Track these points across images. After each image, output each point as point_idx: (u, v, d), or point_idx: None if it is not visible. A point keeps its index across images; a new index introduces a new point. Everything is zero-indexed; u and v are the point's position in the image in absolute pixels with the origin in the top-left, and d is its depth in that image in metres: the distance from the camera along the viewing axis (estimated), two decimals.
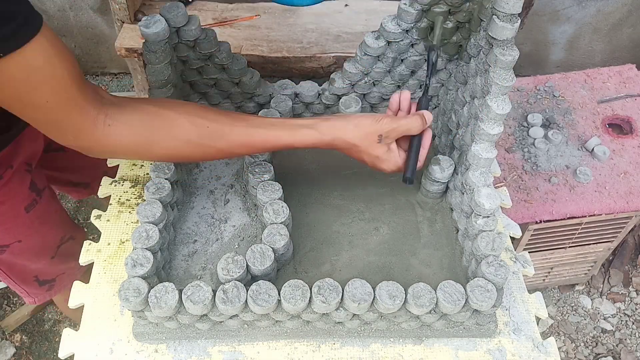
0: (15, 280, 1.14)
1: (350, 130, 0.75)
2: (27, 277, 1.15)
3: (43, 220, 1.04)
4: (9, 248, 1.02)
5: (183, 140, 0.69)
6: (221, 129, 0.71)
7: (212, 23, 1.29)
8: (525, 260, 0.89)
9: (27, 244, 1.04)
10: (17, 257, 1.06)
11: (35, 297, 1.21)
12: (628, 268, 1.89)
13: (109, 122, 0.64)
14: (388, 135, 0.77)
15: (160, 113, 0.68)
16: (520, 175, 1.40)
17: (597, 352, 1.72)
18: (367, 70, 0.92)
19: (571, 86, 1.58)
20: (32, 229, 1.03)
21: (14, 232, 1.00)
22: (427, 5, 0.81)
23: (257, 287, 0.68)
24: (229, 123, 0.71)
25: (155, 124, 0.67)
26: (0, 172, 0.90)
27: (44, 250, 1.10)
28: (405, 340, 0.79)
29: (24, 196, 0.97)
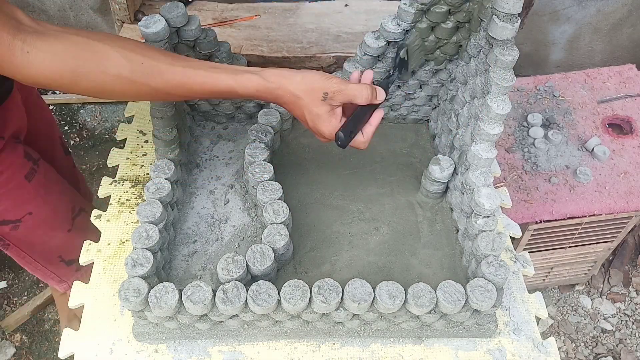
0: (41, 262, 1.12)
1: (296, 82, 0.70)
2: (51, 257, 1.13)
3: (48, 189, 1.03)
4: (22, 222, 1.01)
5: (113, 74, 0.64)
6: (157, 66, 0.65)
7: (212, 23, 1.29)
8: (525, 260, 0.89)
9: (39, 216, 1.03)
10: (34, 232, 1.05)
11: (67, 281, 1.19)
12: (628, 268, 1.89)
13: (27, 49, 0.59)
14: (333, 97, 0.72)
15: (90, 44, 0.63)
16: (520, 175, 1.40)
17: (597, 352, 1.72)
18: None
19: (571, 86, 1.58)
20: (40, 199, 1.01)
21: (22, 203, 0.99)
22: (427, 5, 0.81)
23: (257, 287, 0.68)
24: (167, 62, 0.66)
25: (83, 55, 0.62)
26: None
27: (58, 222, 1.09)
28: (405, 340, 0.79)
29: (20, 164, 0.96)
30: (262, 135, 0.88)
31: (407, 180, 0.95)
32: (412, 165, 0.98)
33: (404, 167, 0.97)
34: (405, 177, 0.96)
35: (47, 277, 1.17)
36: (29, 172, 0.98)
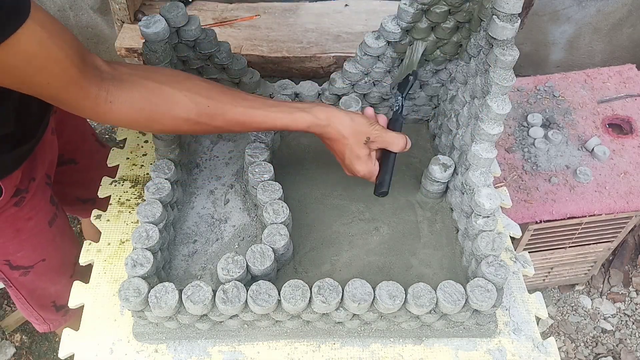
0: (34, 306, 1.12)
1: (345, 122, 0.76)
2: (45, 302, 1.13)
3: (63, 234, 1.04)
4: (34, 268, 1.01)
5: (183, 118, 0.69)
6: (221, 107, 0.71)
7: (212, 23, 1.29)
8: (525, 260, 0.89)
9: (51, 263, 1.04)
10: (41, 278, 1.05)
11: (50, 324, 1.20)
12: (628, 268, 1.89)
13: (110, 99, 0.64)
14: (374, 141, 0.79)
15: (161, 90, 0.68)
16: (520, 175, 1.40)
17: (597, 352, 1.72)
18: (367, 70, 0.92)
19: (571, 86, 1.58)
20: (54, 245, 1.02)
21: (39, 249, 1.00)
22: (427, 5, 0.81)
23: (257, 287, 0.68)
24: (229, 102, 0.72)
25: (156, 101, 0.68)
26: (26, 185, 0.89)
27: (64, 268, 1.09)
28: (405, 340, 0.79)
29: (47, 210, 0.97)
30: (262, 135, 0.88)
31: (407, 180, 0.95)
32: (412, 165, 0.98)
33: (404, 167, 0.97)
34: (405, 177, 0.96)
35: (32, 317, 1.17)
36: (52, 217, 0.99)
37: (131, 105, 0.66)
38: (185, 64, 0.91)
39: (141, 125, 0.71)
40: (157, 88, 0.68)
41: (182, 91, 0.69)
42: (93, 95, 0.63)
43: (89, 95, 0.62)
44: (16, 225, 0.92)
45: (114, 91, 0.64)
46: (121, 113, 0.66)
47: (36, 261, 1.01)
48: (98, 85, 0.63)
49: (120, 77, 0.66)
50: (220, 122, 0.72)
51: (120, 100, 0.65)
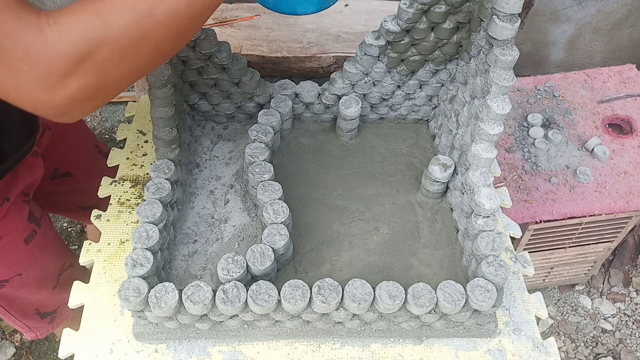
0: (16, 315, 1.09)
1: None
2: (27, 310, 1.11)
3: (43, 250, 1.01)
4: (9, 282, 0.99)
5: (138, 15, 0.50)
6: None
7: (212, 23, 1.29)
8: (525, 260, 0.89)
9: (28, 277, 1.01)
10: (18, 290, 1.03)
11: (37, 332, 1.18)
12: (628, 268, 1.89)
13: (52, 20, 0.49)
14: None
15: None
16: (520, 175, 1.40)
17: (597, 352, 1.72)
18: (367, 70, 0.93)
19: (571, 86, 1.58)
20: (32, 261, 0.99)
21: (14, 266, 0.97)
22: (427, 5, 0.81)
23: (257, 287, 0.68)
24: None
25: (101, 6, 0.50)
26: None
27: (45, 281, 1.07)
28: (405, 340, 0.79)
29: (22, 228, 0.94)
30: (262, 135, 0.88)
31: (407, 180, 0.95)
32: (412, 165, 0.98)
33: (404, 167, 0.98)
34: (405, 177, 0.96)
35: (17, 326, 1.14)
36: (29, 234, 0.96)
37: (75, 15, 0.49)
38: (185, 64, 0.91)
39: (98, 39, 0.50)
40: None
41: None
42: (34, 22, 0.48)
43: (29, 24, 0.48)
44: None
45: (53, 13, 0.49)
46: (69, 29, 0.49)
47: (11, 276, 0.98)
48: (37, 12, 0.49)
49: None
50: None
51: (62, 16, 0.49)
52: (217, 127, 1.03)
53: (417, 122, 1.05)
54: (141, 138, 1.03)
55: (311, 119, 1.03)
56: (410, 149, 1.01)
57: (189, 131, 0.98)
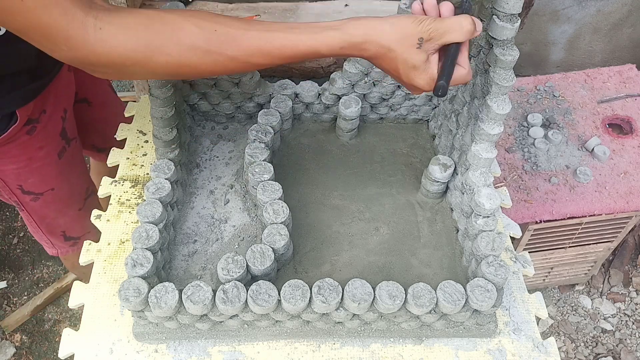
0: (44, 231, 1.17)
1: (385, 31, 0.62)
2: (55, 230, 1.18)
3: (72, 167, 1.09)
4: (43, 196, 1.06)
5: (188, 45, 0.59)
6: (231, 32, 0.60)
7: None
8: (525, 260, 0.89)
9: (60, 193, 1.08)
10: (50, 205, 1.10)
11: (58, 249, 1.24)
12: (628, 268, 1.89)
13: (100, 25, 0.56)
14: (430, 39, 0.62)
15: (161, 16, 0.59)
16: (520, 175, 1.40)
17: (597, 352, 1.72)
18: (367, 70, 0.92)
19: (571, 86, 1.58)
20: (63, 176, 1.07)
21: (49, 179, 1.04)
22: None
23: (257, 287, 0.68)
24: (241, 27, 0.61)
25: (155, 27, 0.58)
26: (37, 116, 0.94)
27: (73, 200, 1.14)
28: (405, 340, 0.79)
29: (57, 142, 1.02)
30: (262, 135, 0.88)
31: (407, 180, 0.95)
32: (412, 165, 0.98)
33: (404, 167, 0.97)
34: (405, 177, 0.96)
35: (42, 241, 1.21)
36: (61, 150, 1.03)
37: (125, 30, 0.57)
38: None
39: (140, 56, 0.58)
40: (155, 15, 0.59)
41: (186, 17, 0.59)
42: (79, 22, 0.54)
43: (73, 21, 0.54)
44: (29, 153, 0.97)
45: (103, 17, 0.56)
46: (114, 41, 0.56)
47: (45, 189, 1.05)
48: (85, 10, 0.55)
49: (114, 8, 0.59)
50: (234, 49, 0.60)
51: (112, 25, 0.56)
52: (217, 127, 1.03)
53: (417, 122, 1.05)
54: (141, 138, 1.03)
55: (311, 119, 1.03)
56: (410, 149, 1.01)
57: (189, 131, 0.98)
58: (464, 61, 0.66)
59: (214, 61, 0.61)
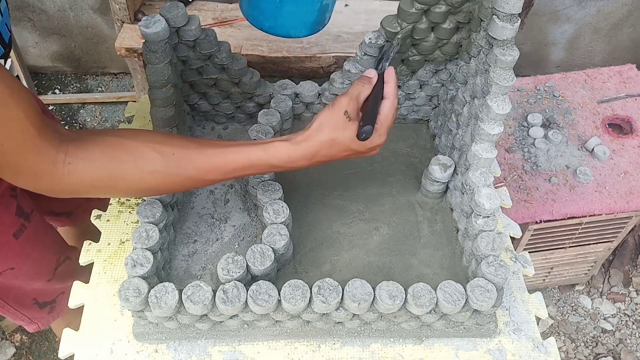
0: (14, 306, 1.09)
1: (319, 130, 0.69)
2: (25, 300, 1.10)
3: (34, 245, 1.00)
4: (1, 275, 0.98)
5: (148, 171, 0.64)
6: (188, 154, 0.65)
7: (212, 23, 1.29)
8: (525, 260, 0.89)
9: (21, 271, 1.00)
10: (12, 282, 1.02)
11: (38, 322, 1.17)
12: (628, 268, 1.89)
13: (68, 160, 0.59)
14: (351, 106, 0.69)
15: (123, 144, 0.63)
16: (520, 175, 1.40)
17: (597, 352, 1.72)
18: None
19: (571, 86, 1.58)
20: (24, 255, 0.99)
21: (5, 260, 0.96)
22: (427, 5, 0.81)
23: (257, 287, 0.68)
24: (196, 148, 0.66)
25: (118, 156, 0.62)
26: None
27: (39, 275, 1.06)
28: (405, 340, 0.79)
29: (10, 223, 0.93)
30: (262, 135, 0.88)
31: (407, 180, 0.95)
32: (412, 165, 0.98)
33: (404, 167, 0.97)
34: (405, 177, 0.96)
35: (17, 319, 1.14)
36: (18, 229, 0.95)
37: (91, 163, 0.60)
38: (185, 64, 0.91)
39: (104, 184, 0.63)
40: (118, 142, 0.63)
41: (144, 142, 0.64)
42: (51, 159, 0.58)
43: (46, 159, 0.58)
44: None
45: (72, 151, 0.59)
46: (82, 173, 0.60)
47: (3, 269, 0.97)
48: (56, 148, 0.59)
49: (80, 138, 0.62)
50: (191, 170, 0.65)
51: (80, 159, 0.60)
52: (217, 127, 1.03)
53: (417, 122, 1.05)
54: None
55: (311, 119, 1.03)
56: (410, 149, 1.01)
57: (189, 131, 0.98)
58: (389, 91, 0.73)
59: (172, 182, 0.66)
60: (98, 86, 2.28)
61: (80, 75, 2.29)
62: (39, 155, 0.57)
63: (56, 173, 0.59)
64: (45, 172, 0.59)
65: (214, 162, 0.67)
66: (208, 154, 0.66)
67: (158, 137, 0.66)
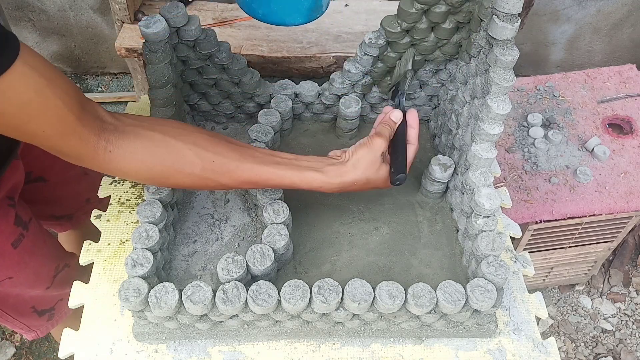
0: (13, 315, 1.08)
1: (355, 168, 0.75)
2: (23, 308, 1.09)
3: (33, 253, 0.99)
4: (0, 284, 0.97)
5: (187, 173, 0.67)
6: (226, 164, 0.69)
7: (212, 23, 1.29)
8: (525, 260, 0.89)
9: (19, 280, 1.00)
10: (10, 290, 1.01)
11: (37, 330, 1.16)
12: (628, 268, 1.89)
13: (110, 148, 0.62)
14: (384, 149, 0.77)
15: (166, 142, 0.66)
16: (520, 175, 1.40)
17: (597, 352, 1.72)
18: (367, 70, 0.92)
19: (571, 86, 1.58)
20: (22, 264, 0.98)
21: (3, 269, 0.96)
22: (427, 5, 0.81)
23: (257, 287, 0.68)
24: (236, 159, 0.69)
25: (159, 154, 0.65)
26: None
27: (38, 283, 1.05)
28: (405, 340, 0.79)
29: (9, 232, 0.93)
30: (262, 135, 0.88)
31: (407, 180, 0.95)
32: (412, 165, 0.98)
33: None
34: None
35: (15, 327, 1.13)
36: (17, 238, 0.94)
37: (132, 156, 0.63)
38: (185, 64, 0.91)
39: (142, 177, 0.67)
40: (161, 140, 0.65)
41: (188, 144, 0.67)
42: (92, 145, 0.60)
43: (87, 145, 0.60)
44: None
45: (114, 141, 0.62)
46: (122, 163, 0.63)
47: (2, 279, 0.97)
48: (98, 134, 0.61)
49: (123, 128, 0.64)
50: (226, 179, 0.69)
51: (121, 150, 0.62)
52: (217, 127, 1.03)
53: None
54: None
55: (311, 119, 1.03)
56: None
57: None
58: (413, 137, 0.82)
59: (205, 184, 0.70)
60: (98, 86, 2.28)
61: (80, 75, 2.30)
62: (80, 141, 0.59)
63: (97, 158, 0.62)
64: (87, 156, 0.61)
65: (249, 176, 0.71)
66: (245, 168, 0.70)
67: (201, 140, 0.68)
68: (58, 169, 1.11)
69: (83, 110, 0.59)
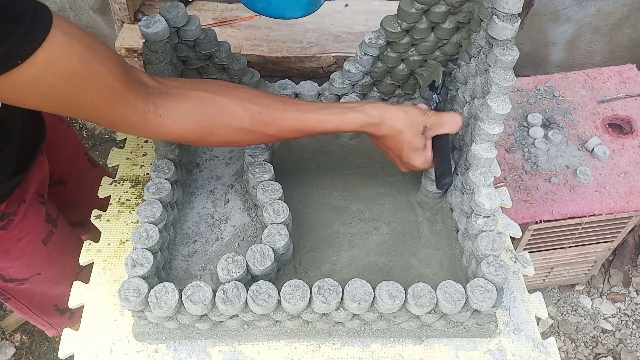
0: (37, 312, 1.10)
1: (399, 116, 0.75)
2: (47, 307, 1.11)
3: (61, 250, 1.01)
4: (28, 280, 1.00)
5: (236, 127, 0.68)
6: (272, 114, 0.70)
7: (212, 23, 1.29)
8: (525, 260, 0.89)
9: (47, 276, 1.02)
10: (37, 287, 1.03)
11: (58, 328, 1.18)
12: (628, 268, 1.89)
13: (159, 112, 0.62)
14: (431, 128, 0.77)
15: (213, 100, 0.66)
16: (520, 175, 1.40)
17: (597, 352, 1.72)
18: (367, 70, 0.92)
19: (571, 86, 1.58)
20: (51, 261, 1.00)
21: (33, 266, 0.98)
22: (427, 5, 0.81)
23: (257, 287, 0.68)
24: (281, 108, 0.71)
25: (208, 111, 0.66)
26: (14, 208, 0.87)
27: (63, 279, 1.07)
28: (405, 340, 0.79)
29: (40, 229, 0.94)
30: None
31: (407, 180, 0.95)
32: None
33: None
34: (405, 177, 0.96)
35: (39, 324, 1.15)
36: (47, 235, 0.96)
37: (183, 116, 0.64)
38: (185, 64, 0.91)
39: (195, 137, 0.67)
40: (208, 98, 0.66)
41: (234, 99, 0.68)
42: (141, 110, 0.60)
43: (136, 111, 0.60)
44: (4, 247, 0.90)
45: (162, 104, 0.62)
46: (173, 126, 0.63)
47: (30, 275, 0.99)
48: (145, 99, 0.61)
49: (168, 90, 0.64)
50: (274, 129, 0.71)
51: (171, 112, 0.63)
52: None
53: None
54: (141, 138, 1.03)
55: None
56: None
57: None
58: None
59: (255, 138, 0.72)
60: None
61: None
62: (129, 107, 0.59)
63: (148, 124, 0.62)
64: (137, 123, 0.61)
65: (294, 124, 0.72)
66: (290, 117, 0.71)
67: (245, 94, 0.70)
68: (75, 173, 1.13)
69: (127, 76, 0.59)
